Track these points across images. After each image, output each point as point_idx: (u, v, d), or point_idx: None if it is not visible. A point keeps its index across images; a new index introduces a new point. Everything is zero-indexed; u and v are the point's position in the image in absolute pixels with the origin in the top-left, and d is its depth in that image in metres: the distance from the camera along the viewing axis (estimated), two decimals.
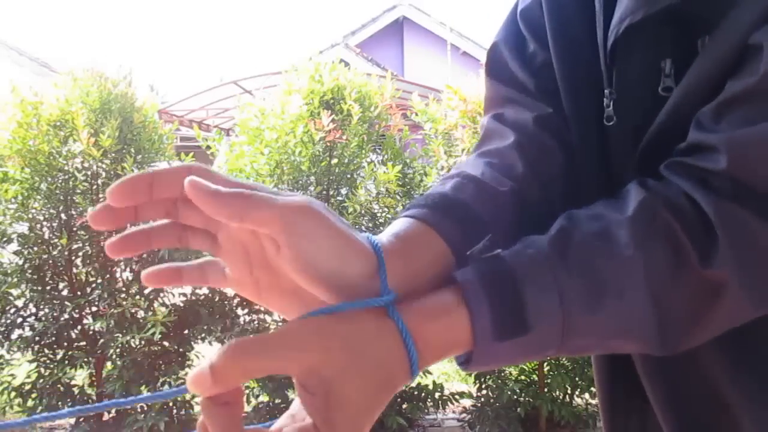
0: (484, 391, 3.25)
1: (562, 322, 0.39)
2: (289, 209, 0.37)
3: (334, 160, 3.11)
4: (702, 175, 0.42)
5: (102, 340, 3.05)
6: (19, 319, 3.14)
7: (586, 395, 3.24)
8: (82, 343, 3.18)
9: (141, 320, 3.05)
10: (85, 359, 3.11)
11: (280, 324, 3.08)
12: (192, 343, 3.21)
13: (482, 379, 3.25)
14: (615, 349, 0.44)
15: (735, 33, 0.42)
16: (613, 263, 0.41)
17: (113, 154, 3.16)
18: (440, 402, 3.25)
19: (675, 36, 0.47)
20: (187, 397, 3.19)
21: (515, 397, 3.13)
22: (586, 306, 0.40)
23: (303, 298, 0.41)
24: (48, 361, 3.14)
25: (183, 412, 3.16)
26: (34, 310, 3.15)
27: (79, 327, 3.20)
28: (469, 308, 0.39)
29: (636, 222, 0.42)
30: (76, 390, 3.17)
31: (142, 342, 3.03)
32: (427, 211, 0.45)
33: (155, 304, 3.15)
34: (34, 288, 3.10)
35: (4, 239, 3.08)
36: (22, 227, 3.13)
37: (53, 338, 3.14)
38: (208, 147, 3.25)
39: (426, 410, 3.27)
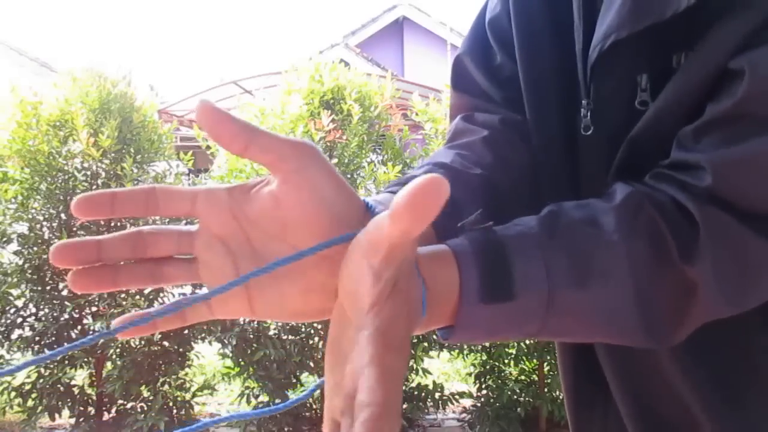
0: (484, 391, 3.25)
1: (547, 294, 0.40)
2: (293, 139, 0.37)
3: (334, 160, 3.11)
4: (686, 185, 0.44)
5: (102, 341, 3.05)
6: (19, 319, 3.14)
7: None
8: None
9: None
10: (85, 359, 3.11)
11: (280, 324, 3.08)
12: (192, 343, 3.21)
13: (482, 379, 3.25)
14: (598, 338, 0.45)
15: (714, 55, 0.43)
16: (599, 247, 0.41)
17: (113, 154, 3.16)
18: (440, 402, 3.25)
19: (651, 51, 0.48)
20: (187, 397, 3.19)
21: (515, 397, 3.13)
22: (572, 282, 0.40)
23: (299, 273, 0.39)
24: (48, 361, 3.14)
25: (183, 412, 3.16)
26: (34, 310, 3.15)
27: (79, 327, 3.20)
28: (460, 268, 0.39)
29: (622, 211, 0.43)
30: (76, 390, 3.16)
31: (142, 342, 3.03)
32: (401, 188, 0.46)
33: (155, 304, 3.15)
34: (34, 288, 3.10)
35: (4, 239, 3.08)
36: (22, 227, 3.13)
37: (53, 338, 3.14)
38: (208, 147, 3.25)
39: (426, 410, 3.27)
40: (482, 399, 3.22)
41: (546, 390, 3.13)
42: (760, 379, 0.51)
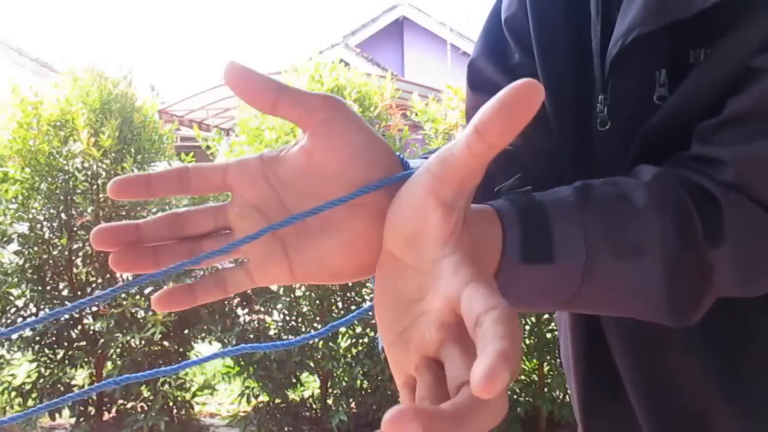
0: None
1: (585, 259, 0.40)
2: (320, 93, 0.37)
3: None
4: (709, 176, 0.45)
5: (102, 340, 3.05)
6: (20, 319, 3.14)
7: None
8: (83, 343, 3.18)
9: (141, 320, 3.05)
10: (86, 359, 3.11)
11: (280, 324, 3.08)
12: (192, 343, 3.22)
13: None
14: (624, 311, 0.45)
15: (736, 53, 0.44)
16: (633, 221, 0.42)
17: (113, 154, 3.16)
18: None
19: (670, 47, 0.49)
20: (187, 396, 3.20)
21: (515, 396, 3.13)
22: (609, 252, 0.40)
23: (336, 227, 0.38)
24: (48, 361, 3.14)
25: (183, 412, 3.16)
26: (34, 310, 3.16)
27: (79, 327, 3.21)
28: (504, 227, 0.39)
29: (652, 188, 0.43)
30: (76, 390, 3.17)
31: (142, 342, 3.03)
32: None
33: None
34: (35, 288, 3.10)
35: (5, 239, 3.08)
36: (23, 227, 3.13)
37: (53, 338, 3.14)
38: (208, 147, 3.25)
39: None
40: None
41: (546, 390, 3.13)
42: None
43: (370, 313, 0.40)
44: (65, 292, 3.19)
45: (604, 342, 0.58)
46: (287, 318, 3.10)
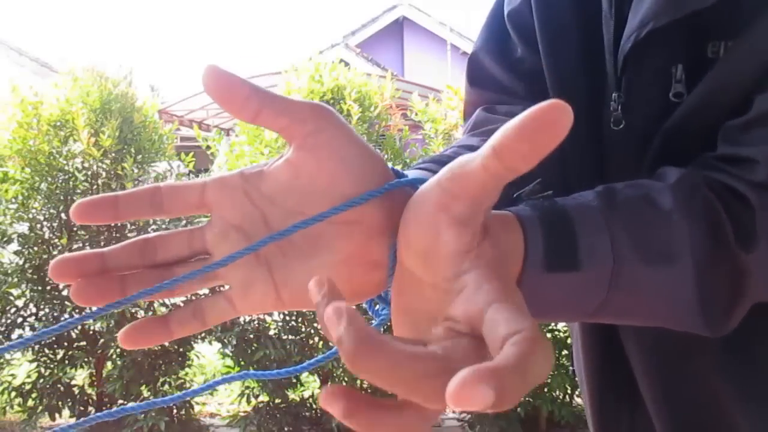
0: None
1: (612, 266, 0.37)
2: (308, 101, 0.35)
3: None
4: (739, 177, 0.42)
5: (102, 340, 3.05)
6: (20, 319, 3.14)
7: None
8: (82, 343, 3.18)
9: None
10: (85, 359, 3.11)
11: (280, 324, 3.08)
12: (192, 343, 3.21)
13: None
14: (656, 321, 0.42)
15: (760, 46, 0.42)
16: (660, 226, 0.39)
17: (113, 154, 3.16)
18: None
19: (687, 40, 0.46)
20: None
21: None
22: (637, 258, 0.38)
23: (326, 246, 0.36)
24: (48, 361, 3.14)
25: (183, 412, 3.16)
26: (34, 310, 3.15)
27: (79, 327, 3.20)
28: (525, 233, 0.36)
29: (678, 191, 0.40)
30: (76, 390, 3.16)
31: None
32: (434, 165, 0.44)
33: (155, 304, 3.15)
34: (34, 288, 3.10)
35: (5, 239, 3.08)
36: (23, 227, 3.13)
37: (53, 338, 3.14)
38: (208, 147, 3.25)
39: None
40: None
41: (546, 390, 3.13)
42: None
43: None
44: (65, 292, 3.19)
45: (620, 353, 0.55)
46: (287, 318, 3.10)
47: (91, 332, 3.21)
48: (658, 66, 0.47)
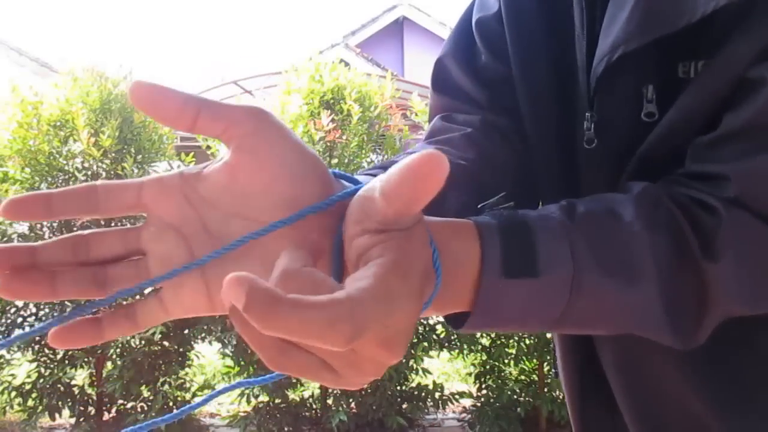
0: (484, 391, 3.25)
1: (572, 273, 0.38)
2: (243, 105, 0.35)
3: (334, 160, 3.11)
4: (710, 192, 0.42)
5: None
6: (19, 319, 3.14)
7: None
8: None
9: None
10: (86, 359, 3.11)
11: None
12: (192, 343, 3.22)
13: (482, 379, 3.25)
14: (624, 330, 0.42)
15: (731, 65, 0.42)
16: (621, 236, 0.40)
17: (113, 154, 3.16)
18: (440, 402, 3.25)
19: (657, 62, 0.47)
20: (187, 396, 3.19)
21: (515, 397, 3.14)
22: (596, 266, 0.38)
23: (260, 248, 0.36)
24: (48, 361, 3.14)
25: None
26: (34, 310, 3.16)
27: None
28: (481, 240, 0.37)
29: (641, 202, 0.41)
30: (76, 390, 3.17)
31: (142, 342, 3.03)
32: (381, 171, 0.44)
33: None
34: None
35: (5, 239, 3.08)
36: (23, 227, 3.13)
37: None
38: (208, 147, 3.25)
39: (426, 410, 3.26)
40: (482, 399, 3.22)
41: (546, 390, 3.13)
42: None
43: None
44: None
45: (597, 365, 0.56)
46: None
47: None
48: (629, 86, 0.48)
